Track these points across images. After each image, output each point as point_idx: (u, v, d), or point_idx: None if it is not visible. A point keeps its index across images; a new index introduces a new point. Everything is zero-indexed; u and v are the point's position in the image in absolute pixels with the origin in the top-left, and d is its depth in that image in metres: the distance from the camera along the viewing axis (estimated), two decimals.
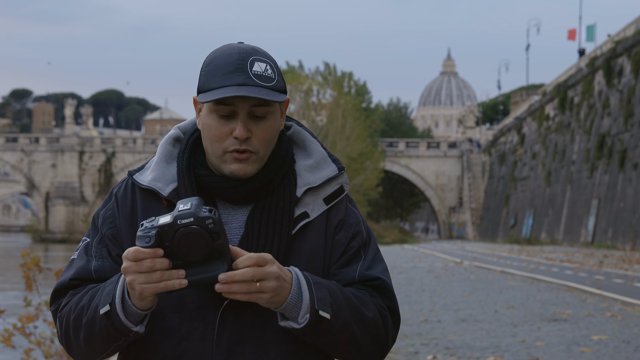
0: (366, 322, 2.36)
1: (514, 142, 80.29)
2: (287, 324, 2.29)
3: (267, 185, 2.41)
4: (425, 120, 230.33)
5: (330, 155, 2.51)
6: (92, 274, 2.40)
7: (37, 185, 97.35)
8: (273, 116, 2.37)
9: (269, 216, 2.39)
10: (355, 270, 2.43)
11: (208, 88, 2.34)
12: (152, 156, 2.54)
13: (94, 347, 2.34)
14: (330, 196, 2.47)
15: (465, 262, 32.22)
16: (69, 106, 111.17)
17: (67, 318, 2.35)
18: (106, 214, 2.47)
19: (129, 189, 2.48)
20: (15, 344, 9.05)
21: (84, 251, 2.45)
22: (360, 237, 2.48)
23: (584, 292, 17.80)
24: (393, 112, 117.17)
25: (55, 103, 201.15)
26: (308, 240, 2.42)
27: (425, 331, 12.05)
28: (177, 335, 2.35)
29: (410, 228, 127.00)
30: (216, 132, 2.35)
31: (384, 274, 2.46)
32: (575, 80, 59.12)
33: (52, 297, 2.43)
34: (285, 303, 2.25)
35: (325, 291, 2.30)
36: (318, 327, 2.28)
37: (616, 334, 11.40)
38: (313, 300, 2.27)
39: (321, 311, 2.27)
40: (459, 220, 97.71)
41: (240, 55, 2.34)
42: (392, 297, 2.46)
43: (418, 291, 18.99)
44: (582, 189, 53.52)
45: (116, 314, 2.24)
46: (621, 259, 31.55)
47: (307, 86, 72.94)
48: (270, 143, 2.39)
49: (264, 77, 2.32)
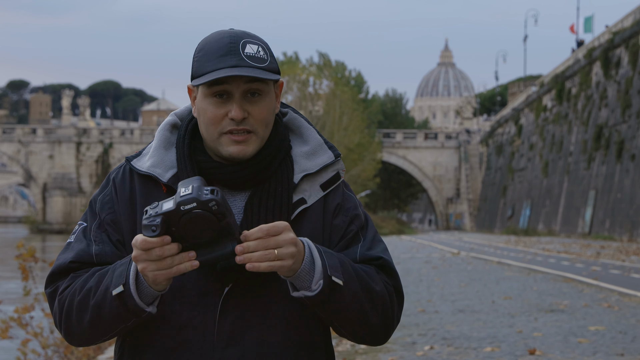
0: (374, 294, 2.37)
1: (511, 133, 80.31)
2: (300, 294, 2.29)
3: (265, 169, 2.41)
4: (422, 111, 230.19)
5: (326, 142, 2.52)
6: (93, 258, 2.38)
7: (34, 176, 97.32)
8: (268, 96, 2.38)
9: (267, 202, 2.39)
10: (356, 252, 2.44)
11: (201, 72, 2.34)
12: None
13: (99, 329, 2.33)
14: (327, 182, 2.48)
15: (462, 253, 32.24)
16: (66, 97, 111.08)
17: (70, 301, 2.33)
18: (104, 199, 2.45)
19: (127, 175, 2.46)
20: (12, 335, 9.05)
21: (82, 235, 2.42)
22: (359, 221, 2.49)
23: (581, 282, 17.81)
24: (388, 103, 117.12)
25: (52, 94, 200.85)
26: (306, 225, 2.42)
27: (422, 322, 12.05)
28: (178, 322, 2.34)
29: (407, 219, 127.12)
30: (211, 115, 2.35)
31: (384, 254, 2.47)
32: (573, 71, 59.13)
33: (49, 279, 2.41)
34: (298, 270, 2.26)
35: (336, 259, 2.32)
36: (330, 294, 2.29)
37: (613, 325, 11.40)
38: (325, 266, 2.28)
39: (334, 277, 2.28)
40: (456, 211, 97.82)
41: (231, 38, 2.35)
42: (395, 275, 2.47)
43: (415, 282, 19.00)
44: (580, 180, 53.56)
45: (130, 295, 2.24)
46: (618, 249, 31.59)
47: (304, 76, 72.87)
48: (268, 123, 2.39)
49: (256, 58, 2.34)
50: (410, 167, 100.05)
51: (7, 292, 21.16)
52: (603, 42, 52.53)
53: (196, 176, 2.18)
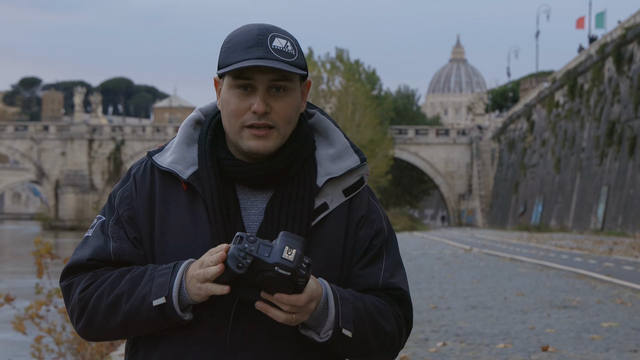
0: (384, 334, 2.37)
1: (523, 129, 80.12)
2: (308, 334, 2.30)
3: (287, 169, 2.38)
4: (434, 107, 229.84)
5: (352, 145, 2.47)
6: (111, 256, 2.37)
7: (46, 174, 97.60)
8: (293, 92, 2.35)
9: (288, 205, 2.36)
10: (379, 276, 2.42)
11: (228, 63, 2.32)
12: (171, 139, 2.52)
13: (127, 331, 2.33)
14: (350, 188, 2.44)
15: (474, 250, 32.20)
16: (78, 94, 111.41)
17: (97, 302, 2.31)
18: (123, 194, 2.43)
19: (147, 170, 2.44)
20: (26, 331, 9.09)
21: (100, 230, 2.41)
22: (383, 235, 2.46)
23: (594, 279, 17.77)
24: (400, 99, 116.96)
25: (64, 91, 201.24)
26: (327, 232, 2.39)
27: (435, 318, 12.05)
28: (192, 322, 2.32)
29: (419, 215, 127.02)
30: (234, 107, 2.32)
31: (404, 284, 2.46)
32: (585, 67, 58.92)
33: (65, 272, 2.39)
34: (310, 316, 2.27)
35: (350, 308, 2.31)
36: (337, 342, 2.30)
37: (626, 321, 11.38)
38: (338, 317, 2.28)
39: (344, 330, 2.28)
40: (468, 207, 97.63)
41: (260, 31, 2.33)
42: (409, 307, 2.46)
43: (428, 278, 19.00)
44: (592, 176, 53.41)
45: (172, 307, 2.25)
46: (631, 246, 31.48)
47: (316, 72, 72.78)
48: (291, 120, 2.36)
49: (284, 52, 2.31)
50: (422, 164, 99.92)
51: (22, 287, 21.24)
52: (615, 37, 52.33)
53: (302, 238, 2.17)
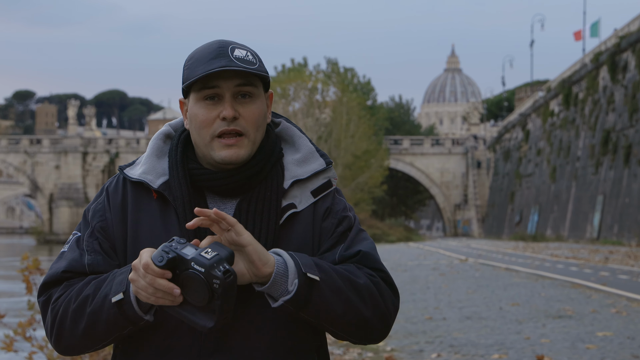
0: (358, 286, 2.36)
1: (518, 139, 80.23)
2: (280, 302, 2.29)
3: (256, 176, 2.44)
4: (429, 117, 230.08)
5: (318, 150, 2.55)
6: (86, 268, 2.43)
7: (40, 187, 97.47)
8: (259, 99, 2.43)
9: (256, 206, 2.42)
10: (335, 253, 2.44)
11: (192, 77, 2.38)
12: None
13: (93, 338, 2.36)
14: (318, 189, 2.49)
15: (470, 260, 32.18)
16: (71, 107, 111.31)
17: (65, 309, 2.36)
18: (96, 208, 2.49)
19: (120, 184, 2.52)
20: (17, 348, 9.02)
21: (75, 244, 2.47)
22: (347, 222, 2.49)
23: (589, 288, 17.75)
24: (395, 109, 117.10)
25: (58, 104, 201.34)
26: (296, 230, 2.44)
27: (429, 329, 12.01)
28: (167, 327, 2.37)
29: (415, 226, 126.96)
30: (203, 117, 2.39)
31: (363, 246, 2.46)
32: (580, 76, 59.03)
33: (42, 288, 2.44)
34: (273, 275, 2.27)
35: (310, 259, 2.33)
36: (310, 293, 2.28)
37: (621, 331, 11.35)
38: (299, 265, 2.29)
39: (309, 274, 2.29)
40: (464, 217, 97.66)
41: (220, 44, 2.41)
42: (377, 263, 2.45)
43: (423, 289, 18.96)
44: (587, 185, 53.45)
45: (129, 302, 2.28)
46: (627, 254, 31.48)
47: (311, 84, 72.91)
48: (259, 127, 2.43)
49: (245, 60, 2.39)
50: (417, 174, 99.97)
51: (15, 304, 21.17)
52: (610, 46, 52.44)
53: (231, 250, 2.21)
